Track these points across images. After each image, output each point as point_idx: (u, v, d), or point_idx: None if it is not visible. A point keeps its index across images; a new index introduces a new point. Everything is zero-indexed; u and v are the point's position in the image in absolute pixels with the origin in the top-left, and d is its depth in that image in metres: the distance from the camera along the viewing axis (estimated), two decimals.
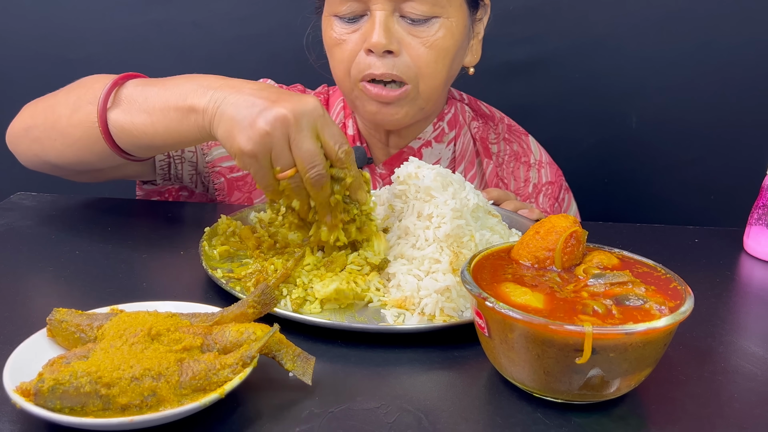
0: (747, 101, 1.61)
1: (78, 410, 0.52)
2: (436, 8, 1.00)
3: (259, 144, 0.74)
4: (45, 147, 0.97)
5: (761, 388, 0.65)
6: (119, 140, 0.90)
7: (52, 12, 1.66)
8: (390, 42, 0.99)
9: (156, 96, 0.86)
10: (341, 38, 1.03)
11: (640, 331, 0.55)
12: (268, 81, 1.20)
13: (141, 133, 0.87)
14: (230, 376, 0.56)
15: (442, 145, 1.18)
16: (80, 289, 0.81)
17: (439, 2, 1.00)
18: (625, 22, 1.60)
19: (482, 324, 0.61)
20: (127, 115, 0.88)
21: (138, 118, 0.87)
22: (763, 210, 0.98)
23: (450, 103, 1.21)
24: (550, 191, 1.25)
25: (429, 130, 1.17)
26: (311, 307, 0.75)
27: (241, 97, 0.77)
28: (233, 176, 1.15)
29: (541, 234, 0.69)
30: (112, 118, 0.88)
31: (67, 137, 0.94)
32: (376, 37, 0.98)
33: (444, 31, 1.01)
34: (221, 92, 0.79)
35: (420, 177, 0.82)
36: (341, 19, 1.02)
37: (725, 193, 1.67)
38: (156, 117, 0.85)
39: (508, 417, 0.59)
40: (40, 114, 0.98)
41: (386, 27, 0.99)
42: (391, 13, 0.99)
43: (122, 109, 0.88)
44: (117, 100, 0.89)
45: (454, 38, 1.03)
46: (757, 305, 0.86)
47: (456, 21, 1.02)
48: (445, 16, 1.01)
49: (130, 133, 0.88)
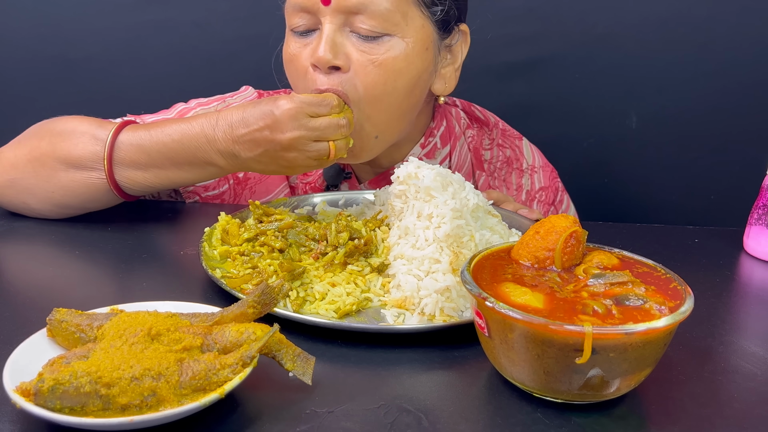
0: (747, 101, 1.61)
1: (78, 410, 0.52)
2: (388, 25, 0.93)
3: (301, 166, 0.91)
4: (39, 198, 0.97)
5: (761, 388, 0.65)
6: (130, 191, 0.98)
7: (52, 12, 1.66)
8: (336, 56, 0.93)
9: (160, 155, 0.94)
10: (294, 53, 0.98)
11: (640, 331, 0.55)
12: (248, 89, 1.21)
13: (155, 183, 0.96)
14: (230, 376, 0.56)
15: (434, 162, 1.13)
16: (80, 289, 0.81)
17: (392, 19, 0.93)
18: (625, 22, 1.60)
19: (482, 324, 0.61)
20: (137, 171, 0.95)
21: (149, 173, 0.95)
22: (763, 210, 0.98)
23: (441, 114, 1.16)
24: (544, 197, 1.24)
25: (416, 150, 1.13)
26: (311, 307, 0.75)
27: (253, 150, 0.90)
28: (208, 195, 1.15)
29: (541, 234, 0.69)
30: (122, 175, 0.95)
31: (69, 190, 0.96)
32: (321, 51, 0.93)
33: (397, 51, 0.94)
34: (227, 149, 0.91)
35: (420, 177, 0.82)
36: (295, 33, 0.98)
37: (725, 193, 1.67)
38: (170, 171, 0.95)
39: (508, 417, 0.59)
40: (27, 166, 0.96)
41: (332, 41, 0.93)
42: (339, 28, 0.94)
43: (129, 166, 0.95)
44: (118, 158, 0.94)
45: (407, 60, 0.96)
46: (757, 305, 0.86)
47: (414, 43, 0.96)
48: (399, 35, 0.95)
49: (143, 184, 0.96)
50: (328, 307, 0.75)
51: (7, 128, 1.07)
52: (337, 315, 0.74)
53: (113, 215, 1.04)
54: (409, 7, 0.95)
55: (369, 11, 0.92)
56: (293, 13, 0.97)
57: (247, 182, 1.15)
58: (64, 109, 1.06)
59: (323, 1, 0.93)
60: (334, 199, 1.07)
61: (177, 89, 1.62)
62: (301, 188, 1.17)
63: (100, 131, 0.94)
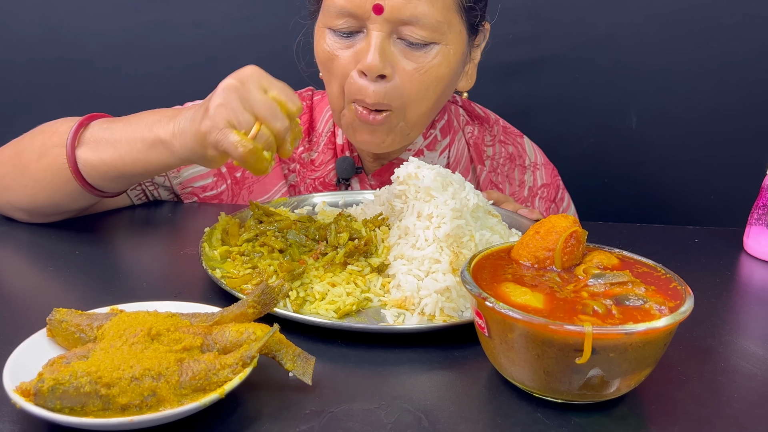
0: (747, 101, 1.61)
1: (78, 410, 0.52)
2: (436, 35, 0.95)
3: (218, 117, 0.77)
4: (17, 193, 0.97)
5: (761, 388, 0.65)
6: (89, 177, 0.92)
7: (52, 12, 1.66)
8: (384, 66, 0.94)
9: (121, 131, 0.90)
10: (334, 53, 0.99)
11: (640, 331, 0.55)
12: None
13: (109, 167, 0.90)
14: (230, 376, 0.56)
15: (434, 153, 1.16)
16: (80, 289, 0.82)
17: (440, 29, 0.95)
18: (625, 22, 1.60)
19: (482, 324, 0.61)
20: (95, 152, 0.91)
21: (105, 153, 0.90)
22: (763, 210, 0.98)
23: (442, 108, 1.18)
24: (546, 194, 1.25)
25: (419, 140, 1.15)
26: (311, 307, 0.75)
27: (193, 108, 0.83)
28: (206, 195, 1.14)
29: (541, 234, 0.69)
30: (80, 157, 0.91)
31: (38, 182, 0.94)
32: (371, 59, 0.94)
33: (441, 58, 0.97)
34: (181, 116, 0.85)
35: (420, 177, 0.82)
36: (335, 32, 0.98)
37: (725, 193, 1.67)
38: (123, 150, 0.89)
39: (508, 417, 0.59)
40: (8, 162, 0.97)
41: (382, 50, 0.94)
42: (388, 36, 0.95)
43: (89, 147, 0.91)
44: (83, 139, 0.92)
45: (449, 66, 0.99)
46: (757, 305, 0.86)
47: (454, 48, 0.99)
48: (444, 42, 0.97)
49: (99, 168, 0.91)
50: (328, 307, 0.75)
51: (7, 128, 1.07)
52: (337, 315, 0.74)
53: (113, 216, 1.04)
54: (453, 15, 0.97)
55: (420, 23, 0.94)
56: (337, 15, 0.97)
57: (245, 182, 1.15)
58: (64, 109, 1.06)
59: (375, 11, 0.93)
60: (334, 199, 1.07)
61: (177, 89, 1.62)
62: (309, 184, 1.16)
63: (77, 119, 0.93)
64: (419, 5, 0.93)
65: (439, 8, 0.94)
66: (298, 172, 1.18)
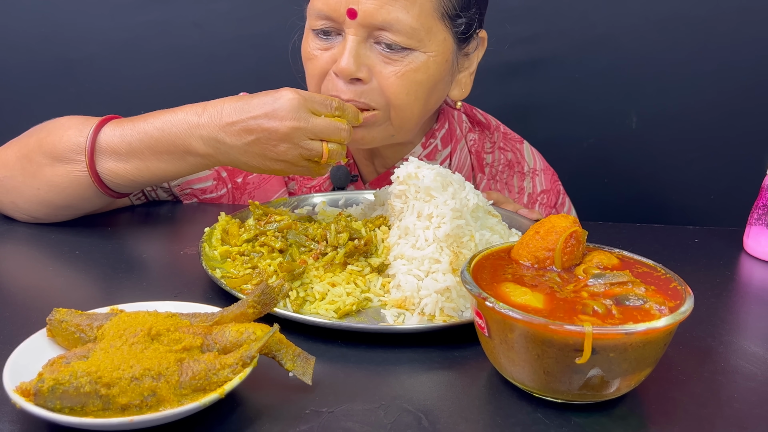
0: (747, 101, 1.61)
1: (78, 410, 0.52)
2: (413, 41, 0.95)
3: (289, 163, 0.89)
4: (26, 195, 0.96)
5: (761, 388, 0.65)
6: (112, 185, 0.95)
7: (52, 12, 1.66)
8: (358, 69, 0.95)
9: (141, 144, 0.92)
10: (314, 53, 1.00)
11: (640, 331, 0.55)
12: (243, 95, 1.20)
13: (136, 176, 0.94)
14: (230, 376, 0.56)
15: (434, 163, 1.14)
16: (80, 289, 0.82)
17: (416, 36, 0.94)
18: (625, 23, 1.60)
19: (482, 324, 0.61)
20: (118, 162, 0.93)
21: (130, 164, 0.93)
22: (763, 210, 0.98)
23: (443, 116, 1.18)
24: (546, 200, 1.24)
25: (418, 150, 1.14)
26: (311, 307, 0.75)
27: (242, 137, 0.88)
28: (206, 197, 1.14)
29: (541, 234, 0.69)
30: (103, 167, 0.93)
31: (53, 186, 0.94)
32: (344, 63, 0.94)
33: (418, 64, 0.96)
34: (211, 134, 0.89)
35: (420, 177, 0.82)
36: (317, 34, 0.99)
37: (725, 193, 1.67)
38: (150, 162, 0.92)
39: (508, 417, 0.59)
40: (16, 164, 0.96)
41: (356, 54, 0.94)
42: (364, 40, 0.95)
43: (110, 157, 0.93)
44: (100, 148, 0.92)
45: (428, 73, 0.98)
46: (757, 305, 0.86)
47: (435, 56, 0.98)
48: (422, 50, 0.96)
49: (125, 177, 0.94)
50: (328, 307, 0.75)
51: (7, 128, 1.07)
52: (337, 315, 0.74)
53: (113, 216, 1.04)
54: (434, 22, 0.96)
55: (394, 29, 0.94)
56: (316, 17, 0.97)
57: (246, 187, 1.15)
58: (64, 109, 1.06)
59: (349, 15, 0.93)
60: (334, 199, 1.07)
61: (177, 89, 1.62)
62: (306, 192, 1.17)
63: (85, 124, 0.94)
64: (393, 11, 0.93)
65: (414, 15, 0.94)
66: (297, 180, 1.18)
